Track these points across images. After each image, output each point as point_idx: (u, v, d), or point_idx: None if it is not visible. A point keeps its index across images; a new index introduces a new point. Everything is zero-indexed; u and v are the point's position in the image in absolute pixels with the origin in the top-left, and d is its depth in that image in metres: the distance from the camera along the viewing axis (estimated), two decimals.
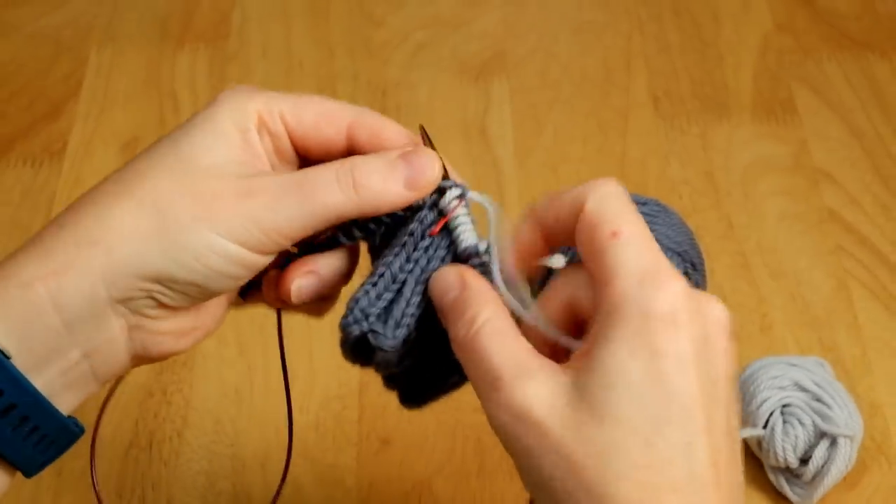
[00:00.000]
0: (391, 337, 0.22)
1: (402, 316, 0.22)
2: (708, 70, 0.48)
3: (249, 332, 0.40)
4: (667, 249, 0.36)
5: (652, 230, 0.38)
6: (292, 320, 0.37)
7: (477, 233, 0.23)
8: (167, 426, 0.37)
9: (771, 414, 0.34)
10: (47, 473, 0.36)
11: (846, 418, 0.34)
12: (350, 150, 0.24)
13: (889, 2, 0.51)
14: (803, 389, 0.34)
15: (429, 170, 0.23)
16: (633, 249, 0.21)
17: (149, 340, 0.23)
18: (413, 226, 0.23)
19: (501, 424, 0.21)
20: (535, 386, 0.20)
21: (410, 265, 0.23)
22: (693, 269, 0.37)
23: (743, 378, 0.36)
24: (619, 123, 0.47)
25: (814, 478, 0.34)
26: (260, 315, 0.40)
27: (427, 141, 0.24)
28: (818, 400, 0.34)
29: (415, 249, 0.23)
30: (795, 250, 0.42)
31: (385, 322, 0.22)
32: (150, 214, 0.21)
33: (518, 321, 0.22)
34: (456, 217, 0.23)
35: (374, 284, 0.22)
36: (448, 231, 0.23)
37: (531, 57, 0.49)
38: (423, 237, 0.23)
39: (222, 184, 0.22)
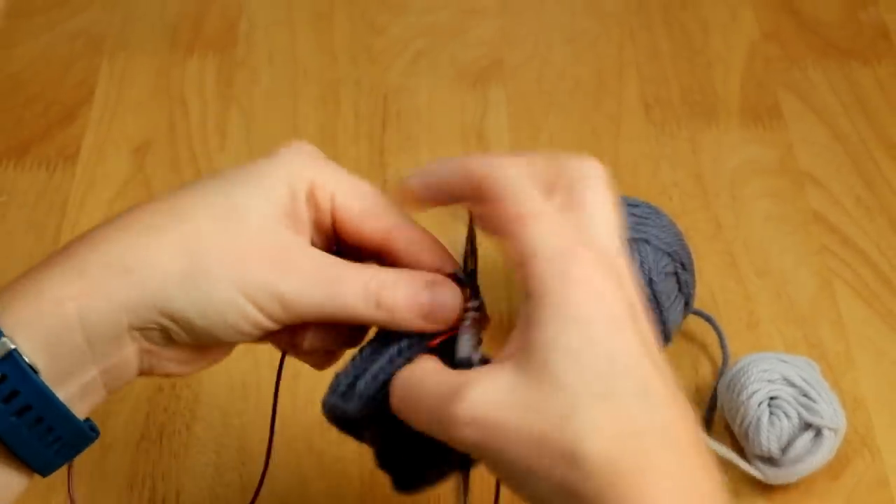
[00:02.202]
0: (345, 405, 0.23)
1: (364, 387, 0.23)
2: (697, 77, 0.50)
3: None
4: (657, 250, 0.38)
5: (643, 231, 0.40)
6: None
7: (475, 343, 0.23)
8: (176, 419, 0.38)
9: (759, 405, 0.36)
10: (60, 468, 0.37)
11: (831, 413, 0.35)
12: (383, 250, 0.24)
13: (871, 12, 0.53)
14: (791, 385, 0.36)
15: (450, 307, 0.23)
16: (541, 229, 0.21)
17: (155, 363, 0.24)
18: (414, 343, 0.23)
19: (469, 442, 0.21)
20: (474, 390, 0.21)
21: (403, 360, 0.23)
22: (682, 269, 0.39)
23: (734, 370, 0.37)
24: (611, 128, 0.48)
25: (793, 464, 0.35)
26: None
27: (471, 236, 0.24)
28: (805, 395, 0.35)
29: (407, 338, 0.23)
30: (781, 250, 0.43)
31: (348, 396, 0.23)
32: (185, 255, 0.22)
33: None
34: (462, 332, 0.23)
35: (353, 362, 0.23)
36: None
37: (527, 64, 0.51)
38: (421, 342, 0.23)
39: (262, 244, 0.22)
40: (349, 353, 0.25)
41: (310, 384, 0.40)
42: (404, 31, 0.52)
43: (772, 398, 0.36)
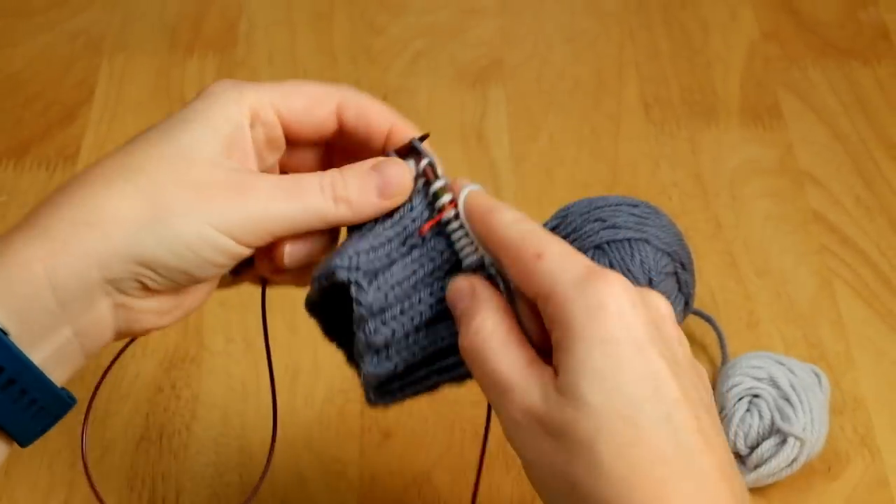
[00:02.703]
0: (371, 296, 0.23)
1: (387, 286, 0.23)
2: (697, 77, 0.50)
3: (256, 329, 0.41)
4: (657, 249, 0.38)
5: (643, 231, 0.40)
6: (297, 319, 0.39)
7: (473, 243, 0.24)
8: (176, 420, 0.38)
9: (739, 399, 0.36)
10: (61, 466, 0.37)
11: (806, 423, 0.35)
12: (340, 131, 0.25)
13: (871, 11, 0.53)
14: (776, 386, 0.35)
15: (399, 178, 0.24)
16: (561, 262, 0.22)
17: (132, 318, 0.24)
18: (402, 216, 0.24)
19: (514, 429, 0.22)
20: (532, 391, 0.22)
21: (391, 232, 0.24)
22: (682, 269, 0.39)
23: (728, 364, 0.37)
24: (611, 128, 0.48)
25: (755, 467, 0.35)
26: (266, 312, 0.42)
27: (414, 147, 0.25)
28: (786, 399, 0.35)
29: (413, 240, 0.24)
30: (781, 250, 0.43)
31: (369, 282, 0.23)
32: (146, 202, 0.22)
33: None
34: (451, 227, 0.24)
35: (374, 249, 0.24)
36: (445, 232, 0.24)
37: (527, 64, 0.51)
38: (414, 233, 0.24)
39: (217, 178, 0.23)
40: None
41: (310, 384, 0.40)
42: (404, 31, 0.52)
43: (755, 396, 0.36)
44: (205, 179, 0.23)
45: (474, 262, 0.24)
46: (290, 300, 0.30)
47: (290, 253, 0.25)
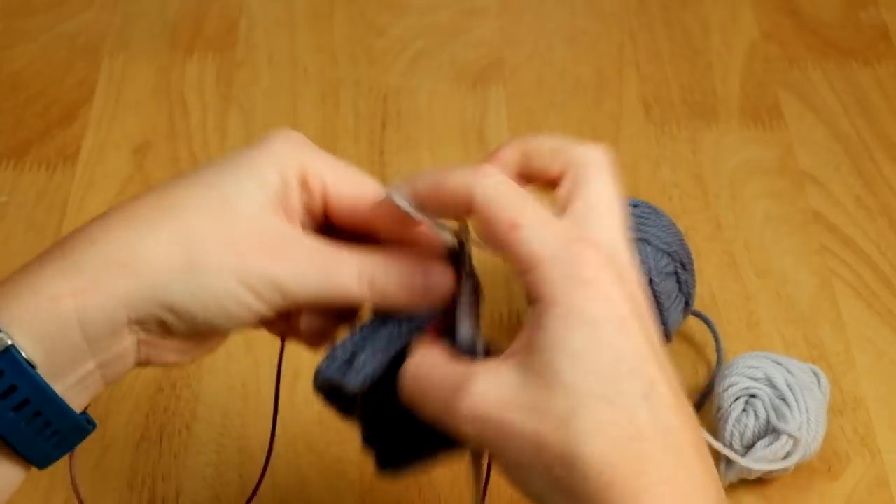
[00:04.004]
0: (343, 379, 0.23)
1: (363, 363, 0.23)
2: (697, 77, 0.50)
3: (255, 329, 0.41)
4: (657, 249, 0.38)
5: (643, 231, 0.40)
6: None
7: (473, 324, 0.23)
8: (177, 419, 0.38)
9: (736, 399, 0.36)
10: (61, 467, 0.37)
11: (802, 422, 0.35)
12: (378, 231, 0.24)
13: (871, 12, 0.53)
14: (772, 386, 0.35)
15: (441, 288, 0.24)
16: (537, 234, 0.21)
17: (154, 354, 0.24)
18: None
19: (471, 437, 0.21)
20: (478, 386, 0.21)
21: (403, 338, 0.24)
22: (682, 269, 0.39)
23: (725, 365, 0.37)
24: (611, 129, 0.48)
25: (749, 465, 0.35)
26: None
27: (463, 240, 0.24)
28: (782, 398, 0.35)
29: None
30: (781, 250, 0.43)
31: (347, 369, 0.23)
32: (182, 250, 0.22)
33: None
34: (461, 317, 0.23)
35: (375, 353, 0.23)
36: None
37: (527, 64, 0.51)
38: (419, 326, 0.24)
39: (254, 233, 0.23)
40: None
41: (309, 385, 0.40)
42: (404, 31, 0.52)
43: (751, 395, 0.36)
44: (243, 234, 0.23)
45: (465, 341, 0.23)
46: None
47: (308, 323, 0.24)
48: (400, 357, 0.23)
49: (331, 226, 0.25)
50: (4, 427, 0.22)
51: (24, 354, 0.22)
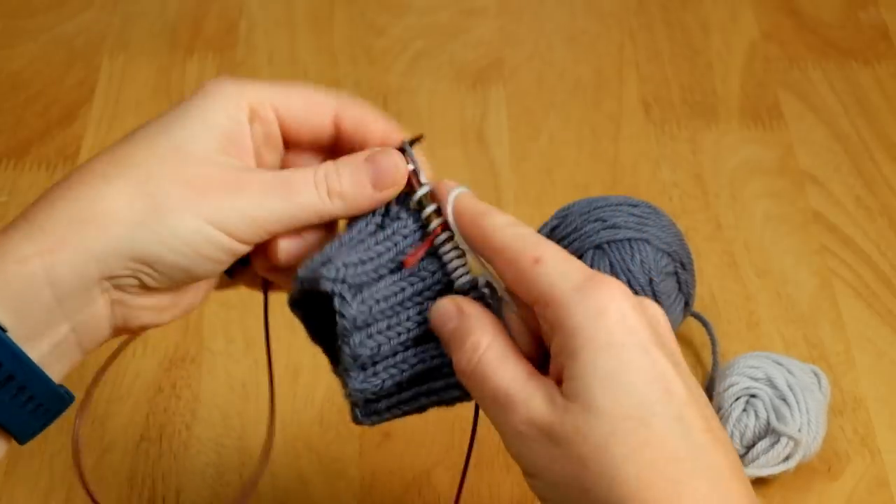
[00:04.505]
0: (354, 308, 0.23)
1: (372, 300, 0.23)
2: (697, 77, 0.50)
3: (256, 329, 0.41)
4: (657, 249, 0.38)
5: (643, 231, 0.40)
6: (297, 319, 0.38)
7: (465, 263, 0.24)
8: (176, 420, 0.38)
9: (736, 399, 0.36)
10: (60, 468, 0.37)
11: (802, 423, 0.35)
12: (336, 137, 0.25)
13: (871, 12, 0.53)
14: (773, 386, 0.35)
15: (393, 169, 0.24)
16: (560, 266, 0.22)
17: (129, 314, 0.24)
18: (394, 231, 0.24)
19: (519, 442, 0.22)
20: (538, 402, 0.22)
21: (381, 248, 0.24)
22: (682, 269, 0.39)
23: (726, 365, 0.37)
24: (611, 128, 0.48)
25: (748, 464, 0.35)
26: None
27: (408, 149, 0.25)
28: (782, 399, 0.35)
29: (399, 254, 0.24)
30: (781, 250, 0.44)
31: (354, 295, 0.23)
32: (143, 199, 0.22)
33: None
34: (442, 249, 0.24)
35: (363, 262, 0.23)
36: (433, 247, 0.24)
37: (527, 64, 0.51)
38: (405, 251, 0.24)
39: (213, 174, 0.23)
40: None
41: (309, 384, 0.40)
42: (404, 31, 0.52)
43: (752, 396, 0.36)
44: (200, 175, 0.23)
45: (466, 282, 0.24)
46: (288, 301, 0.30)
47: (285, 249, 0.25)
48: (382, 276, 0.24)
49: (296, 153, 0.26)
50: None
51: None
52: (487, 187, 0.46)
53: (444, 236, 0.24)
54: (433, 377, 0.24)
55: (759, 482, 0.36)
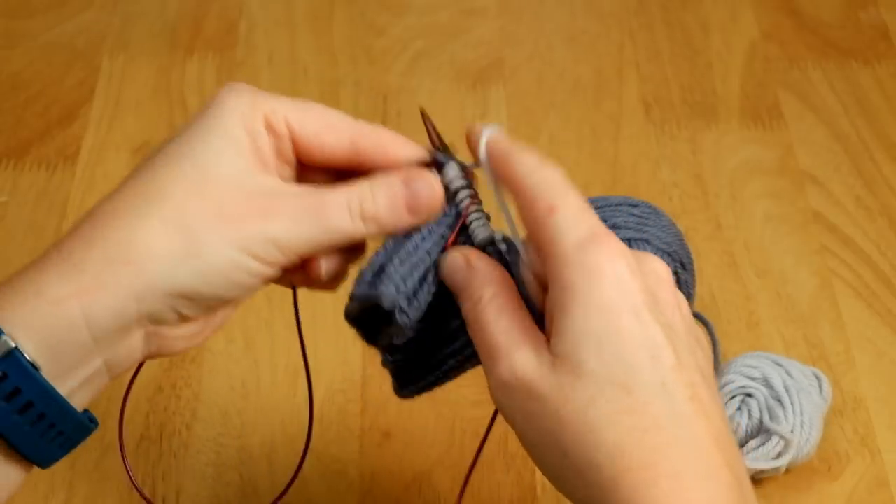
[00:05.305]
0: (409, 313, 0.23)
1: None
2: (697, 77, 0.50)
3: (256, 329, 0.41)
4: (657, 249, 0.38)
5: (643, 231, 0.40)
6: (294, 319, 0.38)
7: (489, 225, 0.24)
8: (177, 419, 0.38)
9: (732, 398, 0.36)
10: (61, 465, 0.37)
11: (795, 424, 0.35)
12: (354, 159, 0.25)
13: (871, 12, 0.53)
14: (769, 386, 0.35)
15: (429, 194, 0.24)
16: (569, 220, 0.22)
17: (164, 344, 0.24)
18: (438, 225, 0.24)
19: (501, 393, 0.22)
20: (524, 355, 0.22)
21: (428, 245, 0.24)
22: (682, 269, 0.39)
23: (725, 364, 0.37)
24: (611, 129, 0.48)
25: None
26: (266, 312, 0.42)
27: (431, 128, 0.25)
28: (777, 399, 0.35)
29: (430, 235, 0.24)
30: (781, 250, 0.44)
31: (409, 302, 0.23)
32: (178, 235, 0.22)
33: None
34: (469, 216, 0.24)
35: (415, 267, 0.24)
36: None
37: (527, 65, 0.51)
38: (441, 236, 0.24)
39: (242, 199, 0.23)
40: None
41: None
42: (404, 31, 0.52)
43: (747, 395, 0.36)
44: (230, 202, 0.23)
45: (484, 238, 0.24)
46: (290, 301, 0.30)
47: (326, 268, 0.25)
48: (429, 271, 0.24)
49: (307, 168, 0.25)
50: (8, 429, 0.22)
51: (27, 357, 0.22)
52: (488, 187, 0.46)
53: (473, 207, 0.24)
54: (454, 338, 0.25)
55: (758, 482, 0.37)
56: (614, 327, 0.21)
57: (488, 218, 0.25)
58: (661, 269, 0.23)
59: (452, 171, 0.25)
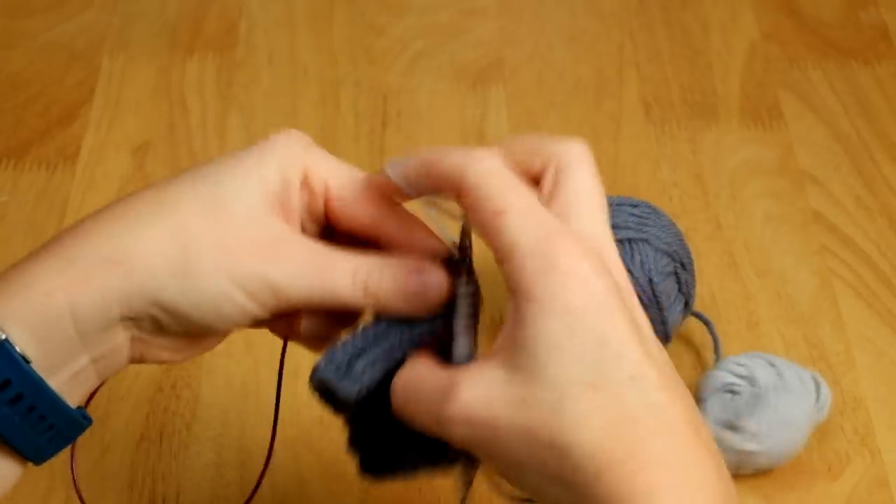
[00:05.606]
0: (339, 383, 0.23)
1: (362, 371, 0.23)
2: (697, 77, 0.50)
3: (256, 329, 0.41)
4: (657, 249, 0.38)
5: (643, 231, 0.40)
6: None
7: (468, 339, 0.23)
8: (176, 419, 0.38)
9: (714, 392, 0.36)
10: (61, 467, 0.37)
11: (764, 428, 0.34)
12: (375, 235, 0.24)
13: (871, 12, 0.53)
14: (754, 385, 0.35)
15: (436, 290, 0.23)
16: (520, 222, 0.21)
17: (147, 351, 0.24)
18: (427, 330, 0.23)
19: (463, 441, 0.21)
20: (466, 390, 0.21)
21: (406, 347, 0.23)
22: (682, 269, 0.39)
23: (720, 360, 0.37)
24: (611, 129, 0.48)
25: None
26: None
27: (465, 235, 0.24)
28: (758, 397, 0.35)
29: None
30: (781, 250, 0.44)
31: (345, 374, 0.23)
32: (174, 249, 0.22)
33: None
34: (458, 335, 0.23)
35: (382, 357, 0.23)
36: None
37: (527, 64, 0.51)
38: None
39: (249, 235, 0.23)
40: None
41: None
42: (404, 31, 0.52)
43: (731, 392, 0.36)
44: (237, 234, 0.22)
45: (461, 358, 0.23)
46: None
47: (307, 326, 0.24)
48: (396, 367, 0.23)
49: (333, 231, 0.25)
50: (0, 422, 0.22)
51: (17, 349, 0.22)
52: None
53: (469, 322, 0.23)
54: (420, 443, 0.24)
55: (758, 482, 0.37)
56: (577, 330, 0.20)
57: (476, 332, 0.23)
58: (616, 258, 0.22)
59: (463, 287, 0.23)
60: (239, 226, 0.23)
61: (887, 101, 0.49)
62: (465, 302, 0.23)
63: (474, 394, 0.21)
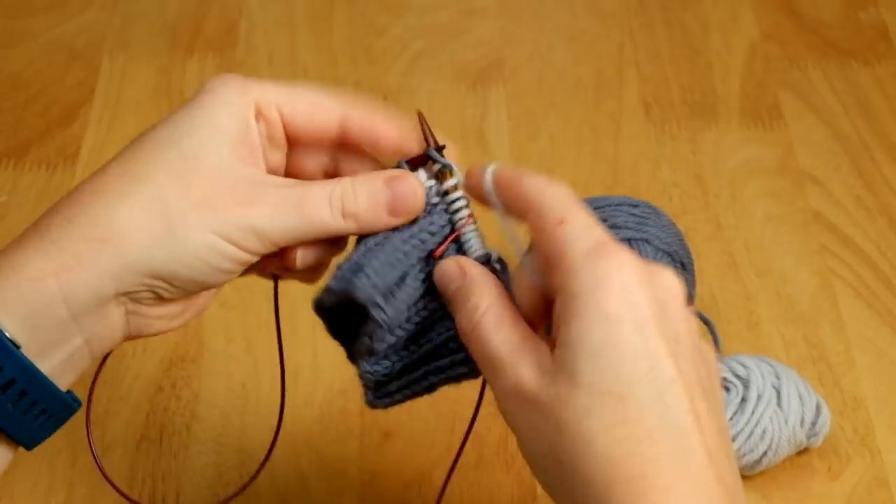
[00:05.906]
0: (386, 310, 0.23)
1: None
2: (697, 77, 0.50)
3: (256, 329, 0.41)
4: (657, 249, 0.38)
5: (643, 231, 0.40)
6: (297, 319, 0.39)
7: (482, 240, 0.24)
8: (176, 420, 0.38)
9: None
10: (61, 465, 0.37)
11: (745, 434, 0.34)
12: (342, 140, 0.25)
13: (871, 12, 0.53)
14: (746, 387, 0.35)
15: (411, 198, 0.24)
16: (579, 231, 0.22)
17: (143, 323, 0.24)
18: (420, 229, 0.24)
19: (506, 407, 0.22)
20: (526, 367, 0.22)
21: (407, 248, 0.24)
22: (682, 269, 0.39)
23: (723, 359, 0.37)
24: (611, 129, 0.48)
25: None
26: (266, 312, 0.42)
27: (426, 129, 0.25)
28: (743, 400, 0.35)
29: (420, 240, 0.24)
30: (781, 250, 0.44)
31: (386, 299, 0.23)
32: (158, 216, 0.23)
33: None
34: (465, 231, 0.24)
35: (391, 265, 0.24)
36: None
37: (527, 65, 0.51)
38: (429, 244, 0.24)
39: (225, 185, 0.23)
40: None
41: (309, 384, 0.40)
42: (404, 31, 0.52)
43: (724, 388, 0.35)
44: (211, 188, 0.23)
45: (480, 256, 0.24)
46: (291, 300, 0.30)
47: (302, 258, 0.25)
48: (409, 273, 0.24)
49: (301, 155, 0.25)
50: None
51: (7, 334, 0.22)
52: None
53: (470, 226, 0.24)
54: (440, 355, 0.24)
55: (758, 482, 0.37)
56: (614, 338, 0.21)
57: (479, 233, 0.25)
58: (672, 284, 0.23)
59: (452, 180, 0.25)
60: (210, 180, 0.23)
61: (887, 101, 0.49)
62: (458, 202, 0.24)
63: (528, 374, 0.22)
